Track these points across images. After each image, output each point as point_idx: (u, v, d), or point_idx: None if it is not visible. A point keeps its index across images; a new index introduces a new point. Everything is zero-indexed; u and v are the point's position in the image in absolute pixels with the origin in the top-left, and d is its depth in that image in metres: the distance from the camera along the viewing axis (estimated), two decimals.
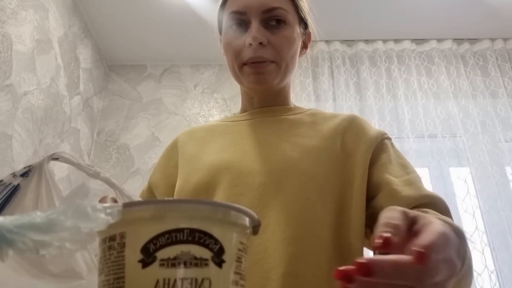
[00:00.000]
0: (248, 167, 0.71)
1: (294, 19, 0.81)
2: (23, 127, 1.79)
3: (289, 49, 0.79)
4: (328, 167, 0.73)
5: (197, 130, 0.89)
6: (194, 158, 0.80)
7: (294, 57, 0.82)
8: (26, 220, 0.28)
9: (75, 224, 0.29)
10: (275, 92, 0.85)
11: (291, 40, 0.80)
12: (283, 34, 0.79)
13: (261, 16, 0.78)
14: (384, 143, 0.79)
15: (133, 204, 0.35)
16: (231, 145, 0.79)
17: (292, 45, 0.80)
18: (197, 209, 0.34)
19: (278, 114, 0.84)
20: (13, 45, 1.71)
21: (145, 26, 2.46)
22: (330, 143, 0.76)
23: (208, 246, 0.33)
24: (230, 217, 0.36)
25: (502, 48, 2.56)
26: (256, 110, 0.86)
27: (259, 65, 0.77)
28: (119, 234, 0.34)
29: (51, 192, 0.54)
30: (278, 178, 0.70)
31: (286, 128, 0.81)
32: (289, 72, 0.83)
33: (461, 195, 2.17)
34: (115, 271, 0.33)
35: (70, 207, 0.30)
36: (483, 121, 2.34)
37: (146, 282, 0.32)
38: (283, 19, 0.79)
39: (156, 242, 0.32)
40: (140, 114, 2.60)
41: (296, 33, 0.82)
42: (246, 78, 0.80)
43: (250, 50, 0.77)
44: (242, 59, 0.78)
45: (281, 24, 0.79)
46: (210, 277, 0.33)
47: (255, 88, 0.83)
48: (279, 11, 0.78)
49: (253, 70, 0.78)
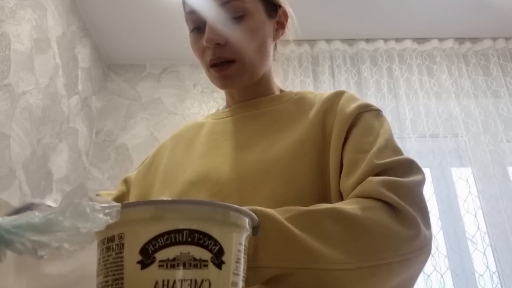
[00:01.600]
0: (226, 174, 0.68)
1: (255, 5, 0.75)
2: (21, 126, 1.78)
3: (251, 41, 0.74)
4: (308, 162, 0.66)
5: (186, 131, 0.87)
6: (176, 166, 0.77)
7: (261, 47, 0.76)
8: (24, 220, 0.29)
9: (74, 224, 0.29)
10: (253, 84, 0.80)
11: (253, 31, 0.74)
12: (242, 27, 0.73)
13: (217, 12, 0.72)
14: (361, 117, 0.70)
15: (132, 204, 0.35)
16: (215, 147, 0.76)
17: (256, 36, 0.75)
18: (196, 210, 0.34)
19: (262, 107, 0.79)
20: (11, 44, 1.70)
21: (144, 25, 2.46)
22: (311, 132, 0.70)
23: (208, 247, 0.33)
24: (230, 218, 0.36)
25: (504, 47, 2.56)
26: (238, 105, 0.82)
27: (222, 67, 0.74)
28: (118, 235, 0.34)
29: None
30: (255, 183, 0.66)
31: (269, 122, 0.76)
32: (259, 65, 0.77)
33: (463, 196, 2.17)
34: (113, 272, 0.33)
35: (68, 207, 0.30)
36: (485, 121, 2.34)
37: (145, 283, 0.32)
38: (240, 12, 0.73)
39: (155, 243, 0.32)
40: (139, 114, 2.60)
41: (260, 20, 0.75)
42: (214, 81, 0.77)
43: (209, 52, 0.73)
44: (206, 61, 0.75)
45: (239, 18, 0.73)
46: (210, 278, 0.33)
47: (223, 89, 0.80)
48: (233, 4, 0.72)
49: (218, 74, 0.75)
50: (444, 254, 2.03)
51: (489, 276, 1.98)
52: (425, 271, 1.98)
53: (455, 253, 2.04)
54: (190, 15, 0.75)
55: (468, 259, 2.03)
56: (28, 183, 1.83)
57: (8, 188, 1.69)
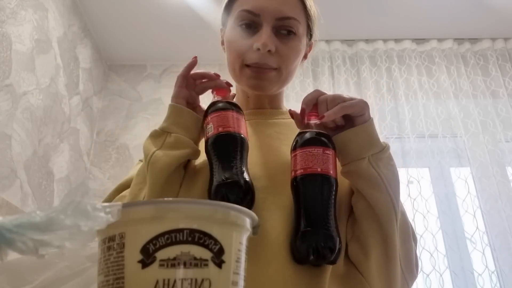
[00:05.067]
0: (251, 171, 0.70)
1: (303, 30, 0.80)
2: (22, 127, 1.78)
3: (294, 59, 0.79)
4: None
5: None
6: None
7: (296, 66, 0.81)
8: (26, 219, 0.28)
9: (75, 222, 0.29)
10: (271, 96, 0.86)
11: (298, 51, 0.79)
12: (291, 45, 0.77)
13: (274, 23, 0.76)
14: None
15: (133, 204, 0.35)
16: None
17: (298, 57, 0.80)
18: (197, 209, 0.34)
19: (272, 117, 0.85)
20: (13, 45, 1.71)
21: (144, 25, 2.46)
22: None
23: (208, 246, 0.33)
24: (230, 217, 0.36)
25: (503, 47, 2.56)
26: (251, 111, 0.86)
27: (261, 70, 0.76)
28: (119, 235, 0.34)
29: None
30: (279, 182, 0.69)
31: (282, 131, 0.81)
32: (288, 82, 0.83)
33: (461, 196, 2.17)
34: (114, 271, 0.33)
35: (69, 205, 0.30)
36: (484, 121, 2.34)
37: (146, 282, 0.32)
38: (295, 31, 0.77)
39: (155, 243, 0.32)
40: (140, 114, 2.60)
41: (303, 44, 0.81)
42: (246, 81, 0.79)
43: (256, 54, 0.75)
44: (246, 60, 0.77)
45: (291, 35, 0.77)
46: (210, 278, 0.33)
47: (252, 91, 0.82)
48: (293, 22, 0.77)
49: (254, 75, 0.77)
50: (443, 254, 2.03)
51: (488, 275, 1.98)
52: (424, 270, 1.99)
53: (454, 252, 2.04)
54: (250, 14, 0.77)
55: (467, 259, 2.03)
56: (29, 183, 1.84)
57: (10, 188, 1.69)
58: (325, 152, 0.63)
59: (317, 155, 0.62)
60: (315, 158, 0.62)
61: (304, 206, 0.61)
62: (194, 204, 0.35)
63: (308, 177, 0.61)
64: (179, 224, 0.33)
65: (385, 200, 0.64)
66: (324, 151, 0.63)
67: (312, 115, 0.69)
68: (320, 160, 0.62)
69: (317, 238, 0.58)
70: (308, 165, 0.62)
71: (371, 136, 0.66)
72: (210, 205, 0.35)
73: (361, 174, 0.64)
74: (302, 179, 0.62)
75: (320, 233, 0.58)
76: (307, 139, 0.64)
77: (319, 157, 0.62)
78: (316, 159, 0.62)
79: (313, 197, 0.61)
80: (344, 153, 0.66)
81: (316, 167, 0.61)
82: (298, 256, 0.60)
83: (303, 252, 0.58)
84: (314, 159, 0.62)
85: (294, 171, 0.63)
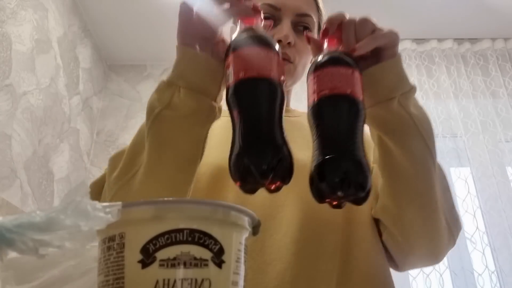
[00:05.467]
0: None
1: (315, 29, 0.83)
2: (22, 127, 1.78)
3: (308, 55, 0.80)
4: None
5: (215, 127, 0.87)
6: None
7: (307, 65, 0.82)
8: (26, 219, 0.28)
9: (75, 222, 0.29)
10: None
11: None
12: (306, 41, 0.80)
13: (293, 18, 0.78)
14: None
15: (133, 204, 0.35)
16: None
17: (310, 54, 0.81)
18: (197, 209, 0.34)
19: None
20: (13, 45, 1.71)
21: (145, 25, 2.46)
22: None
23: (208, 246, 0.33)
24: (230, 217, 0.36)
25: (503, 48, 2.56)
26: None
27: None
28: (119, 235, 0.34)
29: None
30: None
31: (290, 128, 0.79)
32: (299, 78, 0.83)
33: (461, 195, 2.17)
34: (114, 271, 0.33)
35: (69, 205, 0.30)
36: (484, 121, 2.34)
37: (146, 282, 0.32)
38: (310, 28, 0.80)
39: (155, 243, 0.32)
40: (140, 114, 2.60)
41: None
42: None
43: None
44: None
45: (307, 32, 0.79)
46: (210, 278, 0.33)
47: None
48: (309, 19, 0.79)
49: None
50: None
51: (488, 275, 1.98)
52: (424, 270, 1.99)
53: (454, 252, 2.04)
54: (271, 8, 0.78)
55: (467, 259, 2.03)
56: (29, 183, 1.84)
57: (9, 188, 1.69)
58: (354, 75, 0.52)
59: (347, 76, 0.52)
60: (344, 79, 0.51)
61: (330, 132, 0.50)
62: (194, 204, 0.35)
63: (336, 97, 0.51)
64: (179, 224, 0.33)
65: (420, 147, 0.57)
66: (353, 73, 0.52)
67: (333, 41, 0.59)
68: (350, 81, 0.51)
69: (347, 165, 0.47)
70: (335, 85, 0.51)
71: (401, 73, 0.58)
72: (210, 205, 0.35)
73: (390, 118, 0.57)
74: (327, 100, 0.51)
75: (350, 160, 0.48)
76: (333, 57, 0.54)
77: (349, 78, 0.52)
78: (345, 80, 0.51)
79: (341, 121, 0.50)
80: (371, 91, 0.56)
81: (345, 88, 0.51)
82: (322, 189, 0.48)
83: (330, 182, 0.47)
84: (343, 79, 0.51)
85: (317, 92, 0.52)
